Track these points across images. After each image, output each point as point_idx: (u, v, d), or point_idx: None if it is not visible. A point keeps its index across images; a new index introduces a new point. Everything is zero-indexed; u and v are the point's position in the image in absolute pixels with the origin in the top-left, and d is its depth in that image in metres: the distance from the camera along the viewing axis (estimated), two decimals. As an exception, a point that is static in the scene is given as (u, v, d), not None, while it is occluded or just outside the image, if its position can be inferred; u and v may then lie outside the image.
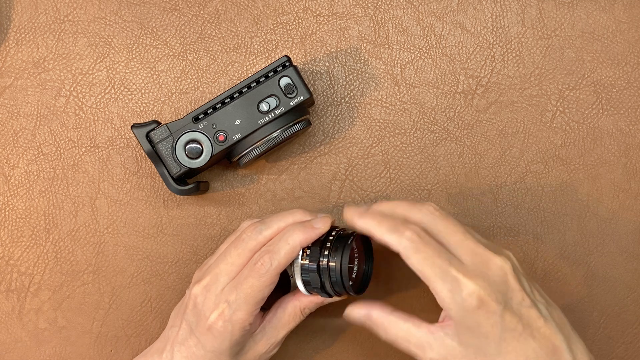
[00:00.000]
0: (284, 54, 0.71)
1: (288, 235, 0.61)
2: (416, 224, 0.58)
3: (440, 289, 0.56)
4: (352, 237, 0.61)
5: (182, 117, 0.70)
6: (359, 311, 0.60)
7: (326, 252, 0.61)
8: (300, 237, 0.61)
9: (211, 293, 0.62)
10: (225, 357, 0.62)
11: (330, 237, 0.61)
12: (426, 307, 0.69)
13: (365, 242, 0.64)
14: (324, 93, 0.71)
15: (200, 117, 0.66)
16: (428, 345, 0.57)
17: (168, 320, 0.68)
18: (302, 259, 0.61)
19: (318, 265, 0.61)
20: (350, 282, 0.61)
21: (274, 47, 0.71)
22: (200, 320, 0.62)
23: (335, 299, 0.64)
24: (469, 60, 0.71)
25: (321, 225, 0.62)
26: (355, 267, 0.63)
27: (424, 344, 0.57)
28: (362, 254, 0.64)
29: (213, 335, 0.61)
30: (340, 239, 0.61)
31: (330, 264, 0.60)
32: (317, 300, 0.64)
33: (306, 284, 0.62)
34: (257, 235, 0.62)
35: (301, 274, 0.62)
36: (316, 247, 0.61)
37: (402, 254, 0.57)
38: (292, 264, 0.62)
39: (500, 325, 0.56)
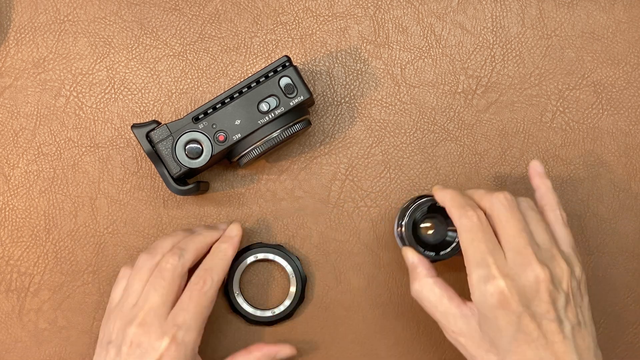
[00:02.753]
0: (284, 54, 0.71)
1: (219, 251, 0.65)
2: (484, 209, 0.61)
3: (472, 274, 0.58)
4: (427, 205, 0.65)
5: (182, 117, 0.70)
6: (412, 256, 0.64)
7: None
8: (230, 250, 0.65)
9: (153, 326, 0.61)
10: None
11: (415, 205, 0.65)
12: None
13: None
14: (324, 93, 0.71)
15: (200, 117, 0.66)
16: (453, 318, 0.60)
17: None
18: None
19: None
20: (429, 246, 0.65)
21: (274, 47, 0.71)
22: (146, 356, 0.61)
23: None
24: (469, 60, 0.71)
25: (235, 232, 0.67)
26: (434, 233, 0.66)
27: (449, 316, 0.60)
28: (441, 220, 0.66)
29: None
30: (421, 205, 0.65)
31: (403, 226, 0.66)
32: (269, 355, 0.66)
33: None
34: (178, 261, 0.63)
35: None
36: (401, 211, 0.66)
37: (458, 230, 0.60)
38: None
39: (516, 325, 0.57)
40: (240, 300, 0.70)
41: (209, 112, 0.66)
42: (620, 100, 0.71)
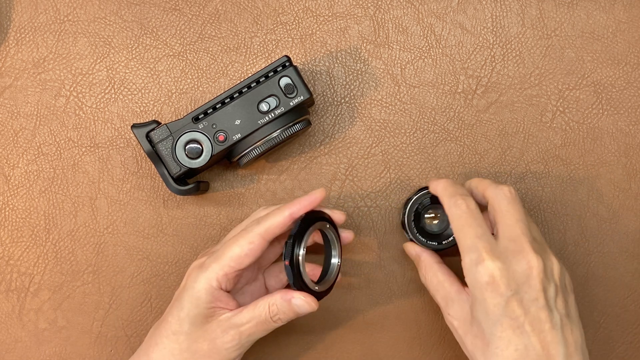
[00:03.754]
0: (284, 54, 0.71)
1: (280, 207, 0.63)
2: (487, 198, 0.62)
3: (465, 258, 0.59)
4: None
5: (182, 117, 0.70)
6: (414, 249, 0.67)
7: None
8: (292, 208, 0.62)
9: (201, 256, 0.64)
10: (187, 325, 0.61)
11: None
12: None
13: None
14: (324, 93, 0.71)
15: (200, 117, 0.66)
16: (451, 301, 0.61)
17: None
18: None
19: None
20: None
21: (274, 47, 0.71)
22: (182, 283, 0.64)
23: (306, 311, 0.62)
24: (469, 60, 0.71)
25: (315, 195, 0.62)
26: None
27: (448, 300, 0.62)
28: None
29: (184, 289, 0.62)
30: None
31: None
32: (290, 309, 0.62)
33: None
34: (257, 222, 0.62)
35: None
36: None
37: (449, 219, 0.61)
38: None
39: (502, 308, 0.57)
40: None
41: (209, 112, 0.66)
42: (620, 100, 0.71)
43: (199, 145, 0.65)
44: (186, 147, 0.65)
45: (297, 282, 0.61)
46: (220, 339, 0.61)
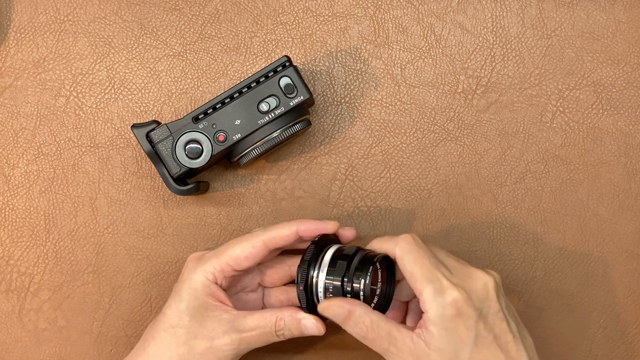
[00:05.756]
0: (284, 54, 0.71)
1: (290, 221, 0.63)
2: (391, 255, 0.61)
3: (425, 289, 0.58)
4: (377, 258, 0.61)
5: (182, 117, 0.70)
6: (341, 305, 0.60)
7: (351, 273, 0.60)
8: (302, 225, 0.62)
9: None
10: (186, 318, 0.61)
11: (356, 259, 0.61)
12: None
13: (388, 264, 0.62)
14: (324, 93, 0.71)
15: (200, 117, 0.66)
16: (407, 348, 0.58)
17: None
18: (326, 277, 0.61)
19: (342, 283, 0.60)
20: (373, 304, 0.61)
21: (274, 47, 0.71)
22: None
23: (312, 334, 0.62)
24: (469, 60, 0.71)
25: (328, 225, 0.63)
26: (378, 289, 0.62)
27: (403, 347, 0.58)
28: (385, 275, 0.63)
29: (181, 280, 0.62)
30: (366, 260, 0.61)
31: (354, 285, 0.60)
32: (298, 328, 0.62)
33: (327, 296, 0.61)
34: (264, 229, 0.63)
35: (324, 291, 0.61)
36: (341, 267, 0.61)
37: (397, 256, 0.60)
38: (315, 282, 0.61)
39: (475, 330, 0.58)
40: None
41: (209, 112, 0.66)
42: (620, 100, 0.71)
43: (199, 145, 0.65)
44: (186, 147, 0.65)
45: (309, 306, 0.61)
46: (219, 340, 0.61)
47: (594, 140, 0.71)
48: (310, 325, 0.62)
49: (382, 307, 0.63)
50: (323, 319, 0.62)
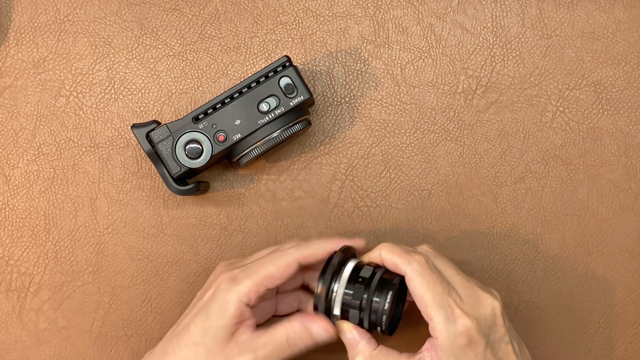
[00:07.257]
0: (284, 54, 0.71)
1: (322, 239, 0.63)
2: (402, 273, 0.61)
3: (436, 316, 0.58)
4: (394, 286, 0.61)
5: (182, 117, 0.70)
6: (350, 331, 0.61)
7: (371, 288, 0.60)
8: (334, 244, 0.62)
9: (231, 267, 0.63)
10: (209, 338, 0.60)
11: (377, 276, 0.61)
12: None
13: (401, 285, 0.62)
14: (324, 93, 0.71)
15: (200, 117, 0.66)
16: None
17: (168, 321, 0.68)
18: (345, 290, 0.61)
19: (361, 301, 0.60)
20: (382, 326, 0.61)
21: (274, 47, 0.71)
22: (207, 291, 0.62)
23: (324, 339, 0.62)
24: (469, 60, 0.71)
25: (358, 242, 0.64)
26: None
27: None
28: (396, 296, 0.63)
29: (212, 299, 0.61)
30: (385, 281, 0.61)
31: (373, 302, 0.60)
32: (309, 336, 0.61)
33: (344, 312, 0.61)
34: (297, 247, 0.62)
35: (342, 302, 0.61)
36: (362, 284, 0.61)
37: (408, 276, 0.60)
38: (332, 293, 0.61)
39: (482, 357, 0.58)
40: None
41: (209, 112, 0.66)
42: (620, 100, 0.71)
43: (199, 146, 0.65)
44: (186, 147, 0.65)
45: (323, 311, 0.61)
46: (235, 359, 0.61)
47: (594, 140, 0.71)
48: (319, 330, 0.61)
49: (389, 329, 0.63)
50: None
